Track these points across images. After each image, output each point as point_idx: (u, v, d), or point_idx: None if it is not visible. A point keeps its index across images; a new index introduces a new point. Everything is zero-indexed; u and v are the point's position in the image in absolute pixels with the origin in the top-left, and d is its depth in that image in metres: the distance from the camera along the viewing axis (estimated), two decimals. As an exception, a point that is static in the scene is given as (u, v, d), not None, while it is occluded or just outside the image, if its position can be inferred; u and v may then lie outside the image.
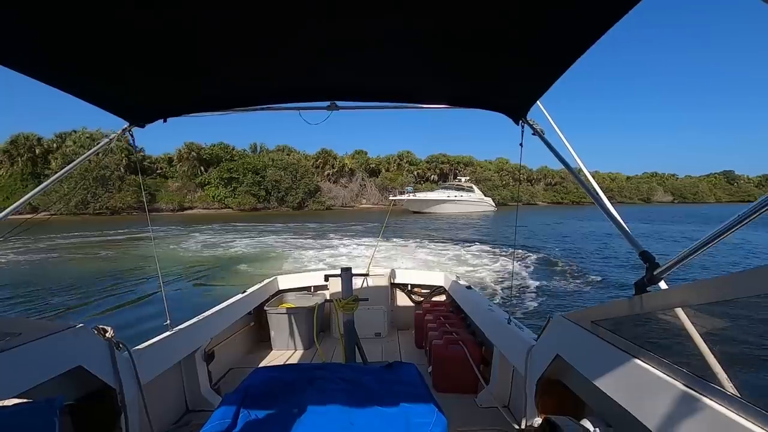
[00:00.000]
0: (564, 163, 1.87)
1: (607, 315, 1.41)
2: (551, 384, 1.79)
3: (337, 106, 2.21)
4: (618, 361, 1.25)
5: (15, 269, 13.69)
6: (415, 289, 4.62)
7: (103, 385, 1.77)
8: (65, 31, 1.15)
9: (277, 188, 59.73)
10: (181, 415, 2.57)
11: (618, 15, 1.06)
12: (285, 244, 20.44)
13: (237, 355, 3.62)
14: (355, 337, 2.49)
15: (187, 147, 59.67)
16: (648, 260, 1.23)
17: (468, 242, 19.89)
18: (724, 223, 0.96)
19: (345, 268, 2.62)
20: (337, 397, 1.42)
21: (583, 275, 11.60)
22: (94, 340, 1.77)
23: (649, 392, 1.11)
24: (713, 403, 0.93)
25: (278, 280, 4.45)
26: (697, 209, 66.15)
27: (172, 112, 2.07)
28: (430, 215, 45.89)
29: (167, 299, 2.42)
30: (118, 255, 17.08)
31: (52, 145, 52.34)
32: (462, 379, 2.85)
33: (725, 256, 13.68)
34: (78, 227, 30.26)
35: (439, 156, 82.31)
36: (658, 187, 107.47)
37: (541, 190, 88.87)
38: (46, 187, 1.86)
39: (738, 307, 0.95)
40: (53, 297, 9.70)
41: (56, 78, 1.46)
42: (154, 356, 2.18)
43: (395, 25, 1.25)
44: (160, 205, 54.07)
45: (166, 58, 1.42)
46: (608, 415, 1.40)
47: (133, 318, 7.77)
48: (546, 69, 1.55)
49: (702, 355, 1.01)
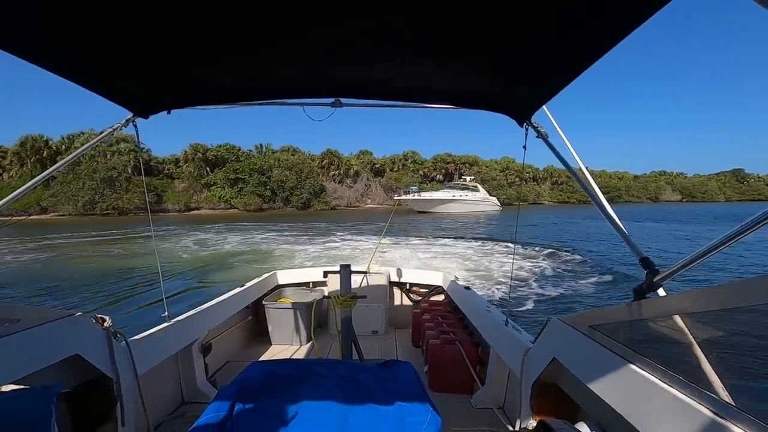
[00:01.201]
0: (567, 167, 1.87)
1: (604, 320, 1.40)
2: (547, 387, 1.78)
3: (341, 103, 2.20)
4: (614, 365, 1.24)
5: (14, 269, 13.87)
6: (414, 288, 4.61)
7: (100, 374, 1.78)
8: (70, 19, 1.14)
9: (283, 188, 59.97)
10: (176, 406, 2.59)
11: (637, 22, 1.04)
12: (288, 241, 20.56)
13: (234, 349, 3.63)
14: (353, 334, 2.49)
15: (193, 148, 60.14)
16: (648, 266, 1.24)
17: (471, 241, 19.84)
18: (725, 233, 0.95)
19: (344, 265, 2.61)
20: (332, 394, 1.41)
21: (587, 278, 11.50)
22: (92, 329, 1.78)
23: (644, 398, 1.10)
24: (708, 410, 0.91)
25: (277, 275, 4.46)
26: (705, 208, 65.38)
27: (176, 104, 2.06)
28: (435, 215, 45.87)
29: (165, 292, 2.46)
30: (120, 252, 17.26)
31: (60, 146, 53.08)
32: (458, 379, 2.84)
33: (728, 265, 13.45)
34: (86, 227, 30.65)
35: (445, 156, 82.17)
36: (666, 186, 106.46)
37: (548, 189, 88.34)
38: (42, 179, 1.86)
39: (736, 316, 0.93)
40: (53, 293, 9.86)
41: (60, 66, 1.45)
42: (152, 347, 2.19)
43: (401, 24, 1.23)
44: (167, 206, 54.54)
45: (172, 49, 1.41)
46: (603, 420, 1.38)
47: (132, 310, 7.90)
48: (556, 74, 1.53)
49: (698, 363, 1.00)
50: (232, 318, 3.42)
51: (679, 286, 2.54)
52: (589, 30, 1.16)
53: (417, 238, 21.02)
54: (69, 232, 26.00)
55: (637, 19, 1.03)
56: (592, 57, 1.29)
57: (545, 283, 10.67)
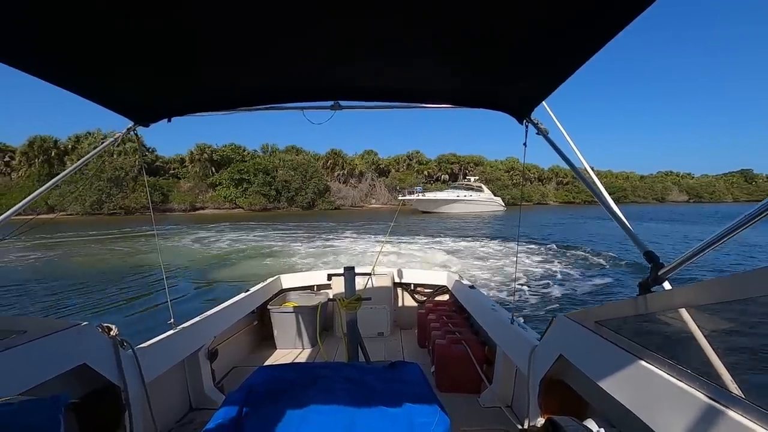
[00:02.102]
0: (569, 163, 1.86)
1: (610, 315, 1.40)
2: (554, 384, 1.78)
3: (340, 106, 2.20)
4: (621, 361, 1.24)
5: (14, 269, 13.97)
6: (418, 289, 4.59)
7: (108, 383, 1.78)
8: (68, 30, 1.15)
9: (287, 188, 60.13)
10: (184, 413, 2.58)
11: (629, 17, 1.05)
12: (292, 240, 20.62)
13: (240, 354, 3.63)
14: (358, 337, 2.48)
15: (199, 148, 60.47)
16: (652, 260, 1.23)
17: (475, 240, 19.78)
18: (729, 223, 0.94)
19: (348, 267, 2.60)
20: (339, 397, 1.41)
21: (593, 275, 11.45)
22: (98, 338, 1.79)
23: (652, 392, 1.10)
24: (717, 404, 0.91)
25: (281, 279, 4.45)
26: (712, 209, 64.67)
27: (176, 111, 2.07)
28: (440, 215, 45.74)
29: (171, 298, 2.45)
30: (124, 254, 17.36)
31: (67, 146, 53.57)
32: (465, 378, 2.83)
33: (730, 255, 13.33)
34: (93, 226, 30.90)
35: (449, 156, 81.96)
36: (673, 186, 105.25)
37: (553, 190, 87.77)
38: (47, 188, 1.84)
39: (743, 308, 0.92)
40: (53, 296, 9.86)
41: (60, 77, 1.46)
42: (158, 354, 2.19)
43: (399, 24, 1.23)
44: (173, 205, 54.91)
45: (170, 57, 1.41)
46: (611, 416, 1.39)
47: (137, 317, 7.87)
48: (553, 71, 1.53)
49: (706, 356, 0.99)
50: (237, 323, 3.43)
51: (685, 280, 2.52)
52: (585, 26, 1.15)
53: (419, 238, 20.97)
54: (73, 231, 26.20)
55: (632, 14, 1.03)
56: (589, 52, 1.28)
57: (551, 280, 10.63)
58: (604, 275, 11.37)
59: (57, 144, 53.38)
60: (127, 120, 2.01)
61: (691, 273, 9.51)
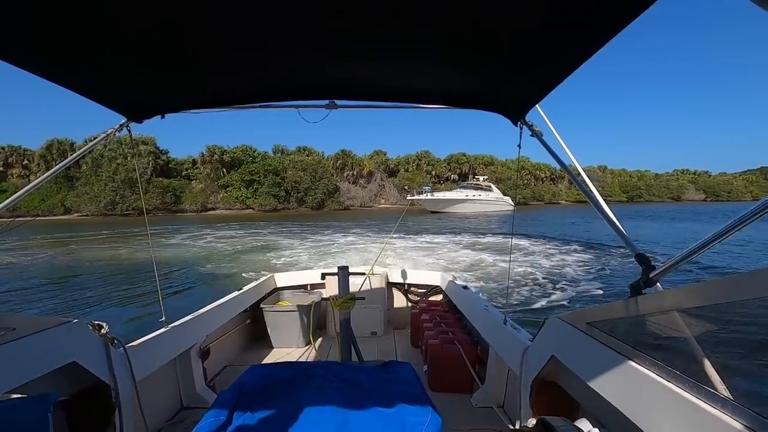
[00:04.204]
0: (561, 164, 1.87)
1: (602, 317, 1.39)
2: (546, 385, 1.77)
3: (336, 105, 2.19)
4: (613, 362, 1.23)
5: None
6: (412, 289, 4.58)
7: (98, 381, 1.78)
8: (61, 25, 1.15)
9: (297, 189, 60.59)
10: (175, 412, 2.58)
11: (626, 21, 1.04)
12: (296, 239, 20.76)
13: (233, 353, 3.63)
14: (352, 336, 2.47)
15: (210, 150, 61.33)
16: (644, 262, 1.23)
17: (477, 240, 19.65)
18: (721, 226, 0.94)
19: (342, 266, 2.60)
20: (332, 396, 1.41)
21: (589, 276, 11.25)
22: (88, 336, 1.78)
23: (643, 393, 1.10)
24: (706, 405, 0.91)
25: (275, 278, 4.45)
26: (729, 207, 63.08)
27: (169, 108, 2.06)
28: (448, 215, 45.58)
29: (162, 296, 2.44)
30: (116, 253, 17.51)
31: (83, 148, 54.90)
32: (457, 378, 2.82)
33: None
34: (104, 226, 31.55)
35: (459, 156, 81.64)
36: (689, 184, 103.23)
37: (564, 189, 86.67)
38: (33, 188, 1.80)
39: (733, 310, 0.92)
40: (48, 294, 9.99)
41: (52, 72, 1.46)
42: (149, 353, 2.19)
43: (395, 25, 1.23)
44: (185, 206, 55.84)
45: (164, 53, 1.41)
46: (602, 416, 1.38)
47: (129, 315, 7.92)
48: (547, 73, 1.52)
49: (696, 358, 0.99)
50: (230, 322, 3.42)
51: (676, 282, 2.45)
52: (579, 28, 1.14)
53: (422, 237, 20.89)
54: (79, 232, 26.77)
55: (628, 16, 1.02)
56: (583, 55, 1.27)
57: (545, 281, 10.47)
58: (604, 275, 11.21)
59: (73, 147, 54.71)
60: (120, 116, 2.00)
61: (688, 275, 9.32)
